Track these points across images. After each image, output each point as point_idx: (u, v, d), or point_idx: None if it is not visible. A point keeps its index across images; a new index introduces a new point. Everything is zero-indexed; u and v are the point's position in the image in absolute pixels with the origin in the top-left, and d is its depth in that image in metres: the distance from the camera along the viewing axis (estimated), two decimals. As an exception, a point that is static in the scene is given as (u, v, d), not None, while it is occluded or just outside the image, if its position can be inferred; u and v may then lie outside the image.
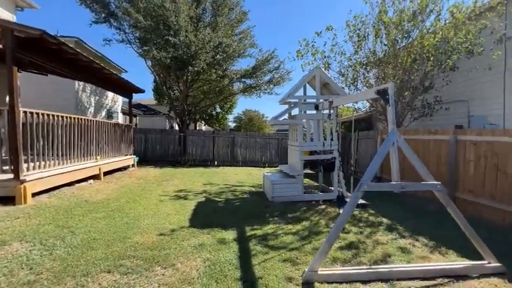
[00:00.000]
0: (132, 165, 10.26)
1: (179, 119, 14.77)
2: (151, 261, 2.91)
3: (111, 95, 15.12)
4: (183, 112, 14.46)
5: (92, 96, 13.41)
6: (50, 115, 5.53)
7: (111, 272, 2.68)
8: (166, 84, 14.98)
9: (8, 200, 4.64)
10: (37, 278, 2.52)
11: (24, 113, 4.89)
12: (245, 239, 3.68)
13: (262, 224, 4.35)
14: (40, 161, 5.31)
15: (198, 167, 12.39)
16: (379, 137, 7.97)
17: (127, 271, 2.70)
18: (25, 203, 4.70)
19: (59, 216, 4.26)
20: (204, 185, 7.71)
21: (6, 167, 5.05)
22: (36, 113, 5.15)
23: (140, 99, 25.22)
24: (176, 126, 18.04)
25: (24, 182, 4.72)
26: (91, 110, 13.30)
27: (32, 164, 5.07)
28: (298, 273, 2.79)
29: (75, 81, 11.37)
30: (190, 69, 11.94)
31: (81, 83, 11.99)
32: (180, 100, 14.58)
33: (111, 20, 12.42)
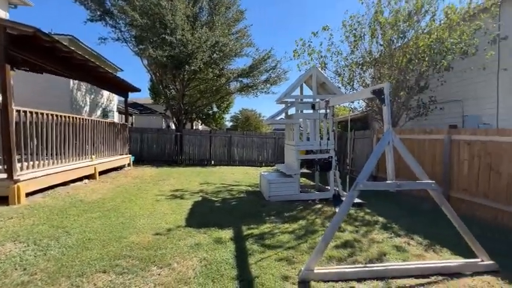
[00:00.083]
0: (128, 165, 10.18)
1: (176, 118, 14.70)
2: (147, 261, 2.90)
3: (106, 93, 14.98)
4: (179, 111, 14.40)
5: (87, 95, 13.28)
6: (44, 114, 5.46)
7: (106, 272, 2.66)
8: (162, 83, 14.90)
9: (1, 200, 4.57)
10: (31, 278, 2.49)
11: (18, 111, 4.82)
12: (242, 238, 3.68)
13: (259, 223, 4.36)
14: (34, 161, 5.25)
15: (195, 166, 12.35)
16: (375, 137, 8.02)
17: (122, 271, 2.68)
18: (19, 203, 4.65)
19: (54, 216, 4.21)
20: (200, 185, 7.69)
21: (-1, 167, 4.98)
22: (30, 112, 5.08)
23: (136, 98, 25.12)
24: (173, 126, 17.96)
25: (17, 181, 4.66)
26: (86, 108, 13.17)
27: (25, 163, 5.00)
28: (294, 272, 2.80)
29: (70, 80, 11.25)
30: (187, 68, 11.89)
31: (76, 81, 11.86)
32: (177, 99, 14.51)
33: (107, 18, 12.32)
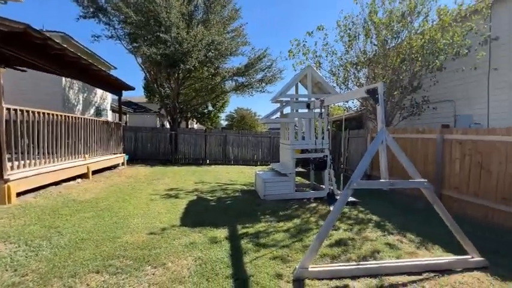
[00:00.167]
0: (122, 164, 10.08)
1: (170, 117, 14.59)
2: (141, 261, 2.88)
3: (100, 92, 14.78)
4: (174, 110, 14.29)
5: (80, 93, 13.08)
6: (35, 112, 5.36)
7: (99, 272, 2.63)
8: (157, 82, 14.77)
9: (-9, 200, 4.48)
10: (22, 279, 2.45)
11: (8, 110, 4.71)
12: (237, 237, 3.68)
13: (254, 222, 4.36)
14: (25, 160, 5.15)
15: (190, 165, 12.29)
16: (369, 136, 8.10)
17: (116, 271, 2.66)
18: (9, 203, 4.56)
19: (45, 216, 4.15)
20: (195, 184, 7.66)
21: (-12, 166, 4.87)
22: (21, 110, 4.98)
23: (130, 96, 24.81)
24: (167, 124, 17.84)
25: (8, 181, 4.57)
26: (79, 107, 12.97)
27: (16, 162, 4.91)
28: (289, 270, 2.81)
29: (62, 78, 11.05)
30: (181, 66, 11.80)
31: (68, 79, 11.67)
32: (171, 98, 14.40)
33: (100, 14, 12.13)
